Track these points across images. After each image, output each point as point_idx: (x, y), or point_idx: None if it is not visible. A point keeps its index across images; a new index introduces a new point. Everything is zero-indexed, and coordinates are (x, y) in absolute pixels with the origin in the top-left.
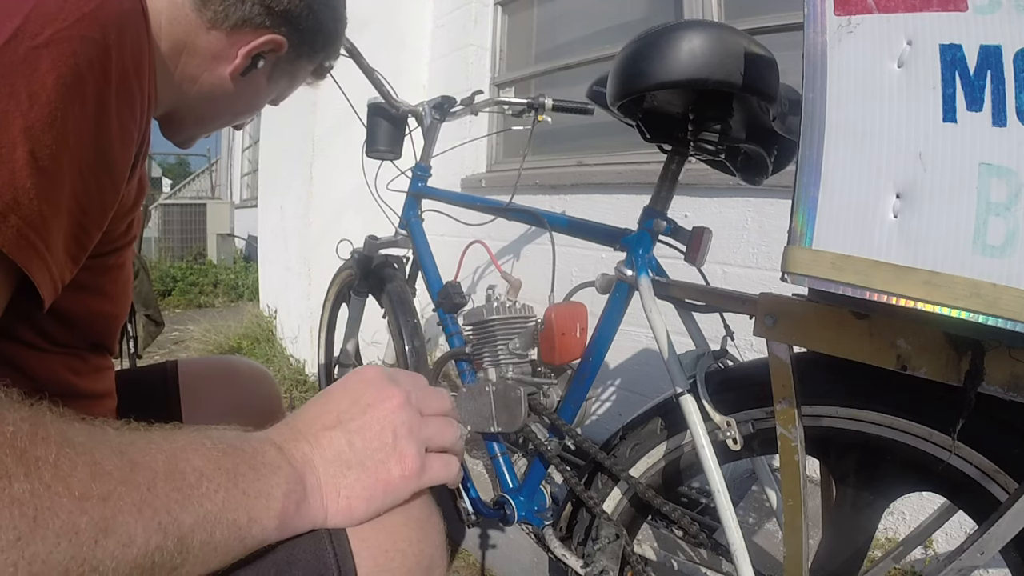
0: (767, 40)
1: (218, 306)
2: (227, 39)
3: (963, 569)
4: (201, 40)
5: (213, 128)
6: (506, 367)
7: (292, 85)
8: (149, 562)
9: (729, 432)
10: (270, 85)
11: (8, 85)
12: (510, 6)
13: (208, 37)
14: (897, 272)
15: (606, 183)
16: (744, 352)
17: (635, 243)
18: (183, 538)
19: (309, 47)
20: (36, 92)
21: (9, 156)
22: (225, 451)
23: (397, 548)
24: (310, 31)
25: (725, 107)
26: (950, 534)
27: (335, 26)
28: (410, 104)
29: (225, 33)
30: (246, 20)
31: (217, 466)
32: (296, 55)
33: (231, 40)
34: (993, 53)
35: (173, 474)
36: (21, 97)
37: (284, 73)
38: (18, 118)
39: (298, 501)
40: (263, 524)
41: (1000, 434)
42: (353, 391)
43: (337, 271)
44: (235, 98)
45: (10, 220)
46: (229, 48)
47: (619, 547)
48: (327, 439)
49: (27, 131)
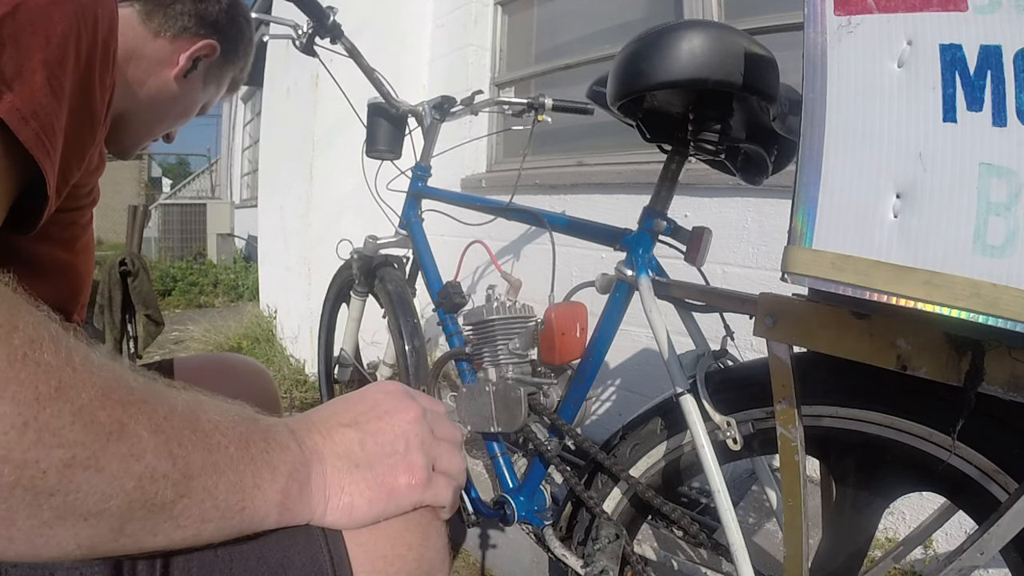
0: (767, 40)
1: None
2: (170, 46)
3: (963, 569)
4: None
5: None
6: (506, 367)
7: (219, 92)
8: (150, 485)
9: (729, 432)
10: (204, 89)
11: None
12: (510, 6)
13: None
14: (897, 272)
15: (606, 183)
16: (744, 352)
17: (635, 243)
18: (188, 476)
19: (233, 53)
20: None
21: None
22: (241, 417)
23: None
24: (233, 39)
25: (725, 107)
26: (950, 534)
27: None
28: (410, 104)
29: (168, 40)
30: (185, 29)
31: (231, 426)
32: (223, 61)
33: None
34: (993, 53)
35: (190, 417)
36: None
37: (214, 78)
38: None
39: (301, 484)
40: (265, 495)
41: (1000, 434)
42: (372, 398)
43: (337, 271)
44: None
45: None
46: (172, 54)
47: (619, 547)
48: (340, 435)
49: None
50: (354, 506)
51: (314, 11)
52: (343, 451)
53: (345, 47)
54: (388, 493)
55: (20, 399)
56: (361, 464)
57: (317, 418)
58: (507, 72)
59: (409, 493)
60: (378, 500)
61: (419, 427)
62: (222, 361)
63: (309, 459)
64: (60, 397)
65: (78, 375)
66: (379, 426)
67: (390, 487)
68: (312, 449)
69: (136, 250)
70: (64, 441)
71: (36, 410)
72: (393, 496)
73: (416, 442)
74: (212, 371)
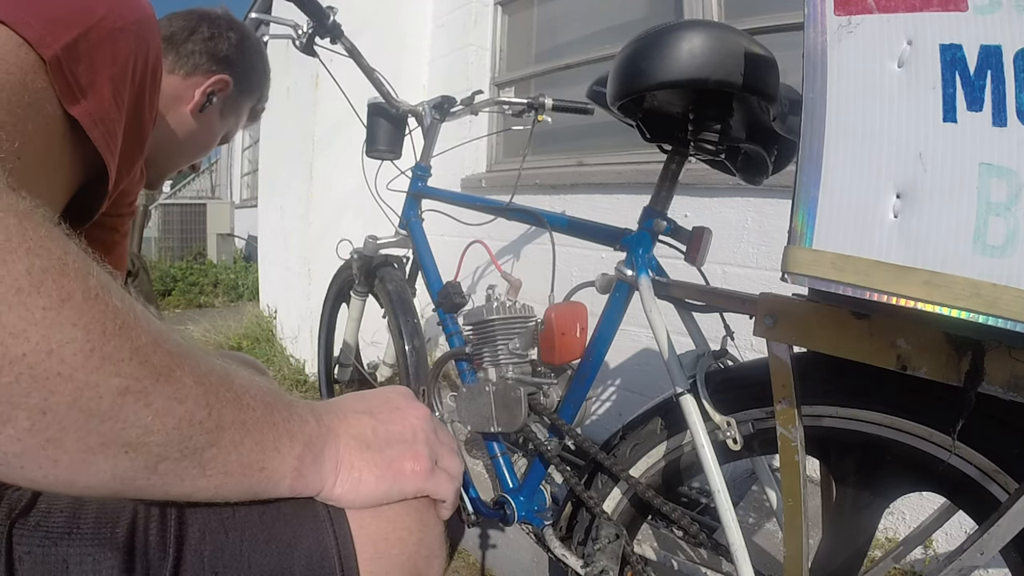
0: (767, 40)
1: (218, 306)
2: (184, 82)
3: (963, 569)
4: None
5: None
6: (506, 367)
7: (238, 122)
8: (187, 428)
9: (729, 432)
10: (222, 121)
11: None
12: (510, 6)
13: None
14: (897, 272)
15: (606, 183)
16: (744, 352)
17: (635, 243)
18: (220, 427)
19: (247, 85)
20: (116, 57)
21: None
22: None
23: (397, 536)
24: (246, 72)
25: (725, 107)
26: (950, 534)
27: (263, 67)
28: (410, 104)
29: (181, 77)
30: (197, 66)
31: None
32: (239, 92)
33: (187, 83)
34: (993, 53)
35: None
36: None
37: (231, 110)
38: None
39: (315, 454)
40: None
41: (1000, 434)
42: (384, 395)
43: (337, 271)
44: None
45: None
46: (186, 90)
47: (619, 547)
48: (355, 419)
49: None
50: (362, 481)
51: (314, 11)
52: (356, 432)
53: (345, 47)
54: (395, 475)
55: (91, 328)
56: (372, 446)
57: (333, 405)
58: (507, 72)
59: (413, 478)
60: (384, 479)
61: (426, 424)
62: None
63: (325, 434)
64: (122, 334)
65: (138, 321)
66: (391, 417)
67: (397, 469)
68: (328, 426)
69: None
70: (121, 371)
71: (102, 340)
72: (399, 478)
73: (423, 436)
74: None
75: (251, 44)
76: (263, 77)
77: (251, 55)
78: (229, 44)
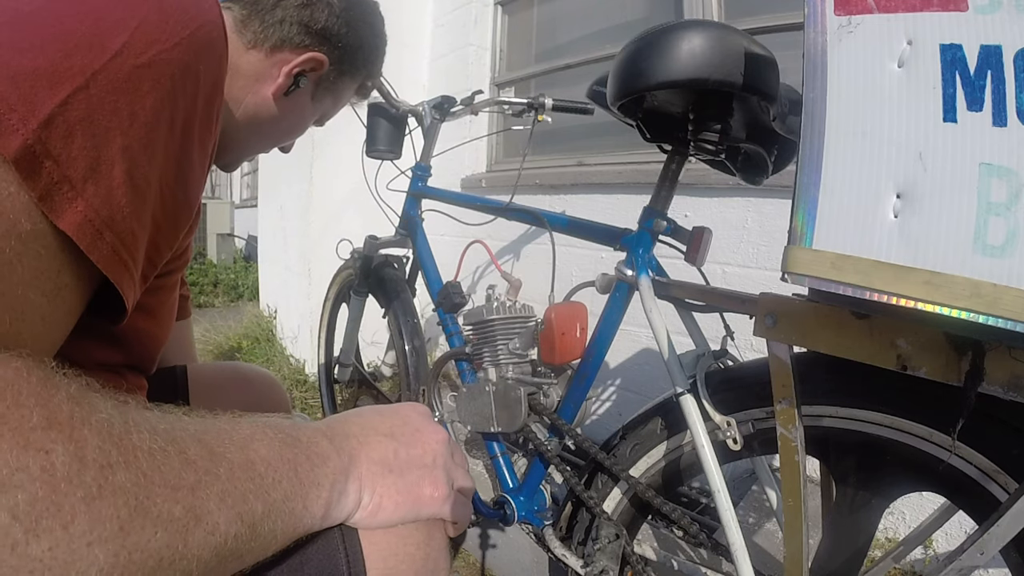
0: (767, 40)
1: (218, 306)
2: (267, 59)
3: (963, 569)
4: (243, 61)
5: (258, 150)
6: (506, 367)
7: (336, 104)
8: (228, 549)
9: (729, 432)
10: (314, 104)
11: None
12: (510, 6)
13: (248, 58)
14: (897, 272)
15: (606, 183)
16: (744, 352)
17: (635, 243)
18: (255, 525)
19: (350, 64)
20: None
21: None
22: (285, 441)
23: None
24: (350, 48)
25: (725, 107)
26: (950, 534)
27: (375, 42)
28: (410, 104)
29: (265, 53)
30: (285, 40)
31: (280, 456)
32: (338, 73)
33: (272, 60)
34: (993, 53)
35: (246, 464)
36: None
37: (327, 92)
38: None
39: (341, 491)
40: (313, 512)
41: (1000, 434)
42: (404, 414)
43: (337, 271)
44: (279, 119)
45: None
46: (271, 68)
47: (619, 547)
48: (376, 442)
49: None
50: (381, 507)
51: None
52: (378, 457)
53: None
54: (414, 501)
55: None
56: (394, 470)
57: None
58: (507, 72)
59: (431, 504)
60: (404, 504)
61: (445, 449)
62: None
63: (348, 466)
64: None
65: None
66: (411, 439)
67: (416, 495)
68: (350, 454)
69: None
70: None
71: (123, 539)
72: (417, 503)
73: (441, 460)
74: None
75: (359, 12)
76: (372, 53)
77: (358, 27)
78: (330, 12)
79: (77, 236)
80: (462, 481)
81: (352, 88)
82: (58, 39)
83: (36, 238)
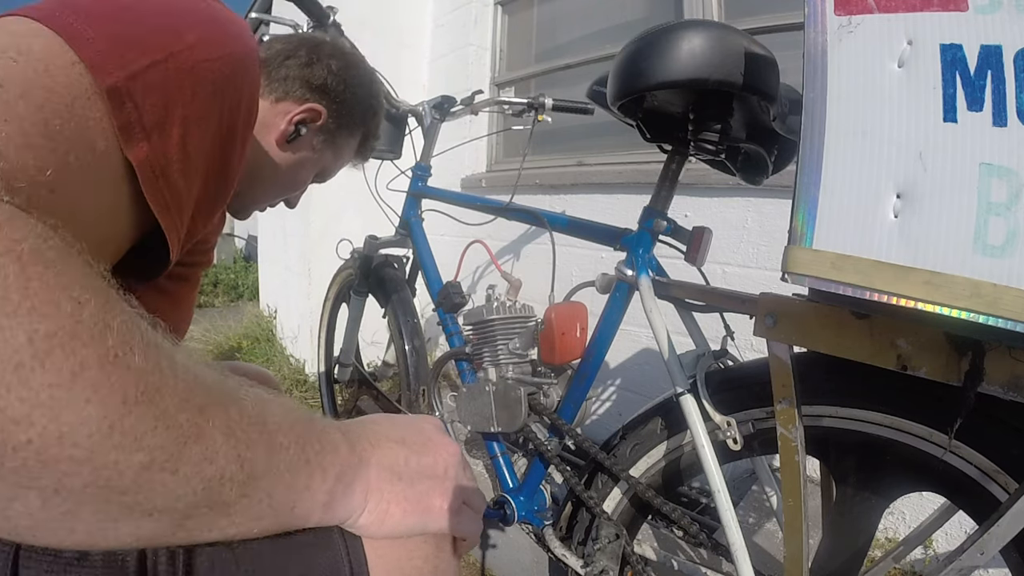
0: (767, 40)
1: (218, 306)
2: (272, 108)
3: (963, 569)
4: None
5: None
6: (506, 367)
7: (337, 159)
8: (217, 487)
9: (729, 432)
10: (315, 156)
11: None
12: (510, 6)
13: None
14: (897, 272)
15: (606, 183)
16: (744, 352)
17: (635, 243)
18: (251, 478)
19: (347, 118)
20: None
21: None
22: (299, 417)
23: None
24: (346, 104)
25: (725, 107)
26: (950, 534)
27: (369, 101)
28: (410, 104)
29: (270, 103)
30: (288, 93)
31: (292, 426)
32: (336, 126)
33: (276, 110)
34: (993, 53)
35: (258, 418)
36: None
37: (327, 145)
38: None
39: (346, 486)
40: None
41: (1000, 434)
42: (417, 425)
43: (337, 271)
44: (283, 167)
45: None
46: (274, 118)
47: (619, 547)
48: (388, 448)
49: (184, 120)
50: (389, 513)
51: (314, 11)
52: (389, 462)
53: None
54: (424, 511)
55: (108, 403)
56: (403, 477)
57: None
58: (507, 72)
59: (440, 517)
60: (412, 513)
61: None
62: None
63: (357, 464)
64: (146, 401)
65: (164, 379)
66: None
67: (426, 506)
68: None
69: None
70: (145, 445)
71: (122, 414)
72: (427, 514)
73: (453, 473)
74: None
75: (357, 74)
76: (368, 112)
77: (355, 86)
78: (328, 71)
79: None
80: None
81: (352, 145)
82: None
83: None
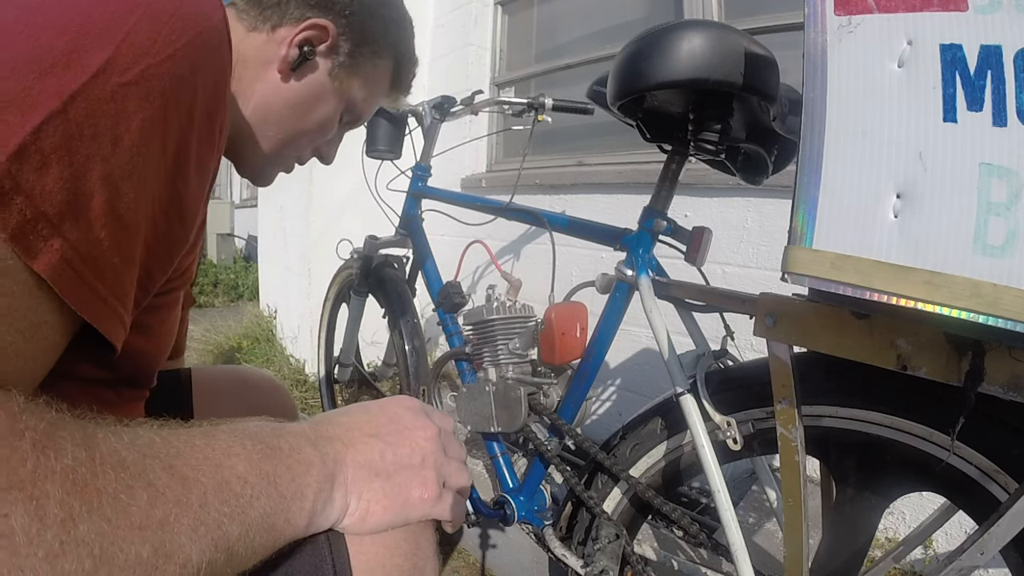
0: (767, 40)
1: (218, 306)
2: (269, 40)
3: (963, 569)
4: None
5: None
6: (506, 367)
7: (366, 89)
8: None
9: (729, 432)
10: (335, 85)
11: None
12: (510, 6)
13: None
14: (897, 272)
15: (606, 183)
16: (744, 352)
17: (635, 243)
18: (231, 549)
19: (366, 35)
20: (120, 136)
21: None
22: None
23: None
24: (358, 17)
25: (725, 107)
26: (950, 534)
27: (390, 13)
28: (410, 104)
29: (266, 35)
30: (285, 16)
31: (258, 471)
32: (353, 45)
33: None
34: (993, 53)
35: (221, 486)
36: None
37: (348, 71)
38: (99, 164)
39: (326, 500)
40: (295, 524)
41: (1000, 434)
42: (392, 411)
43: (337, 271)
44: (295, 102)
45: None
46: (275, 47)
47: (619, 547)
48: (362, 444)
49: (107, 178)
50: (370, 512)
51: None
52: (364, 460)
53: None
54: (402, 504)
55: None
56: (381, 473)
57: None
58: (507, 72)
59: (420, 505)
60: (392, 508)
61: (434, 445)
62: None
63: (333, 471)
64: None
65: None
66: (399, 439)
67: (405, 498)
68: (335, 459)
69: None
70: None
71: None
72: (406, 506)
73: (431, 459)
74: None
75: None
76: (391, 26)
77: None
78: None
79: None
80: (455, 477)
81: (382, 72)
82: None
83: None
